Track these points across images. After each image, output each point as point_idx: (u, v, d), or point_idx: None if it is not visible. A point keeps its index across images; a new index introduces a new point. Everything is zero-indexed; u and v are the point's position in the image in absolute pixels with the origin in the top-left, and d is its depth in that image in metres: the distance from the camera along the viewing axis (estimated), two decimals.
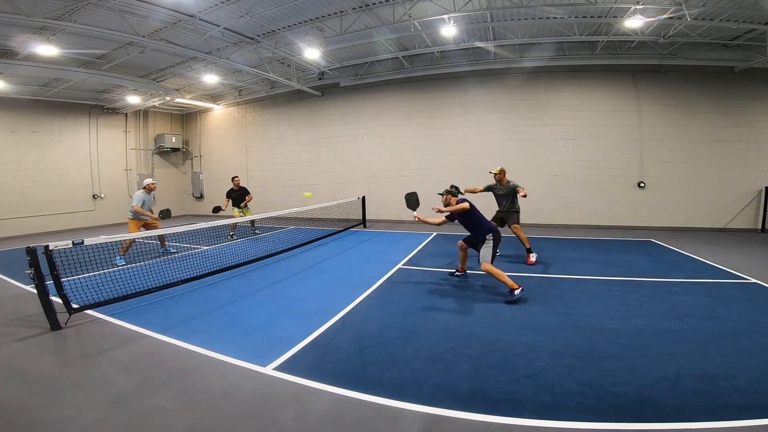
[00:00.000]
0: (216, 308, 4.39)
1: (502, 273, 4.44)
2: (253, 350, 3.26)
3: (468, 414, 2.33)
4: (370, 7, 7.25)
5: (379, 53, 9.73)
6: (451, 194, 4.98)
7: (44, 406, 2.51)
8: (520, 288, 4.31)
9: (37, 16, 6.39)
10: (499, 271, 4.46)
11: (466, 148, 10.75)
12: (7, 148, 10.85)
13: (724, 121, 9.03)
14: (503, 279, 4.39)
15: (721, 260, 6.13)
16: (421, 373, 2.84)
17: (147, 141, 14.52)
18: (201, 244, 8.50)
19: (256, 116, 13.99)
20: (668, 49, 8.69)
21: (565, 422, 2.24)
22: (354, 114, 12.10)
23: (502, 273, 4.43)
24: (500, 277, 4.40)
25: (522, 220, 6.72)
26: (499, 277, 4.41)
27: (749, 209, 9.07)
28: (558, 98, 9.96)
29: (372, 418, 2.33)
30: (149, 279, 5.08)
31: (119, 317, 4.10)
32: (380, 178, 11.80)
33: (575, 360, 2.99)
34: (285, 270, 6.11)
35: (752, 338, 3.32)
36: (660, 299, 4.38)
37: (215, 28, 7.62)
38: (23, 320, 4.09)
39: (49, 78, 9.92)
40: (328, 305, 4.36)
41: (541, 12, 7.16)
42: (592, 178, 9.83)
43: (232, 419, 2.35)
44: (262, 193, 14.02)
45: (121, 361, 3.16)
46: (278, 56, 9.55)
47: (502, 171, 6.49)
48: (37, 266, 3.65)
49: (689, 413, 2.29)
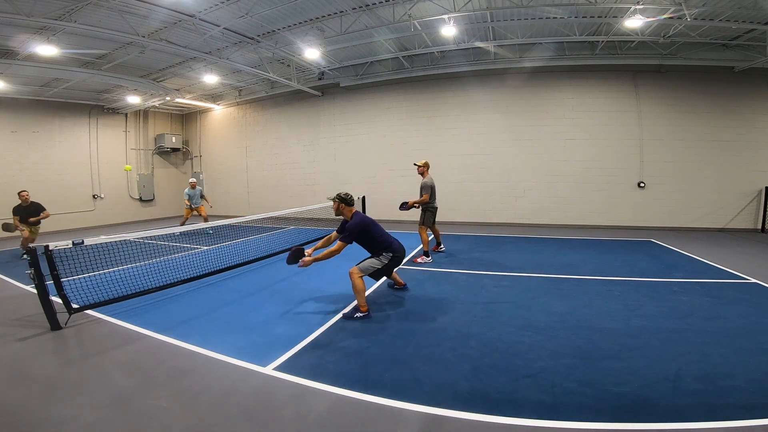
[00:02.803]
0: (216, 308, 4.39)
1: (363, 290, 3.96)
2: (253, 350, 3.26)
3: (468, 414, 2.34)
4: (370, 7, 7.25)
5: (379, 53, 9.72)
6: (345, 202, 4.26)
7: (44, 406, 2.51)
8: (367, 312, 3.93)
9: (37, 16, 6.38)
10: (363, 285, 3.97)
11: (466, 148, 10.75)
12: (8, 148, 10.85)
13: (724, 121, 9.03)
14: (359, 296, 3.93)
15: (721, 260, 6.13)
16: (421, 373, 2.84)
17: (147, 141, 14.51)
18: (201, 244, 8.50)
19: (256, 116, 13.99)
20: (668, 49, 8.69)
21: (565, 422, 2.24)
22: (354, 114, 12.11)
23: (363, 290, 3.96)
24: (358, 292, 3.92)
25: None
26: (357, 291, 3.93)
27: (749, 209, 9.07)
28: (558, 98, 9.96)
29: (372, 418, 2.33)
30: (149, 279, 5.08)
31: (119, 317, 4.10)
32: (380, 178, 11.80)
33: (575, 360, 2.99)
34: (285, 270, 6.08)
35: (752, 338, 3.32)
36: (660, 299, 4.38)
37: (215, 28, 7.62)
38: (23, 320, 4.09)
39: (49, 78, 9.92)
40: (328, 305, 4.37)
41: (541, 12, 7.16)
42: (592, 178, 9.83)
43: (232, 419, 2.35)
44: (262, 193, 14.06)
45: (121, 361, 3.16)
46: (278, 56, 9.54)
47: (426, 164, 6.41)
48: (37, 266, 3.66)
49: (689, 413, 2.29)
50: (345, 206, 4.27)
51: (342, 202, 4.26)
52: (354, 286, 3.97)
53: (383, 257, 4.17)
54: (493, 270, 5.82)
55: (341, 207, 4.28)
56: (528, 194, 10.29)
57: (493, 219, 10.54)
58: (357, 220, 4.18)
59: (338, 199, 4.27)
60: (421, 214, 6.45)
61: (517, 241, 8.19)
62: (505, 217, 10.41)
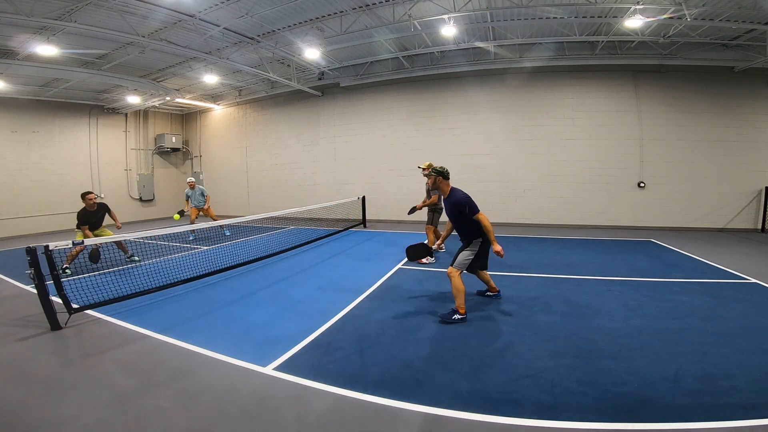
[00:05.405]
0: (216, 308, 4.39)
1: (464, 290, 3.82)
2: (253, 350, 3.26)
3: (468, 414, 2.34)
4: (370, 7, 7.25)
5: (379, 53, 9.72)
6: (443, 175, 3.99)
7: (44, 406, 2.51)
8: (465, 315, 3.81)
9: (37, 16, 6.38)
10: (463, 286, 3.81)
11: (466, 148, 10.76)
12: (7, 148, 10.85)
13: (724, 121, 9.03)
14: (459, 296, 3.79)
15: (721, 260, 6.13)
16: (421, 373, 2.84)
17: (147, 141, 14.52)
18: (201, 244, 8.50)
19: (256, 116, 13.99)
20: (668, 49, 8.69)
21: (565, 422, 2.24)
22: (354, 114, 12.11)
23: (464, 290, 3.82)
24: (458, 292, 3.79)
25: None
26: (457, 292, 3.80)
27: (749, 209, 9.07)
28: (558, 98, 9.96)
29: (372, 418, 2.33)
30: (149, 279, 5.08)
31: (119, 317, 4.10)
32: (380, 178, 11.80)
33: (575, 360, 2.99)
34: (285, 270, 6.10)
35: (752, 338, 3.32)
36: (660, 299, 4.38)
37: (215, 28, 7.62)
38: (23, 320, 4.09)
39: (49, 78, 9.92)
40: (328, 305, 4.36)
41: (541, 12, 7.16)
42: (592, 178, 9.83)
43: (232, 419, 2.35)
44: (262, 193, 14.06)
45: (121, 361, 3.16)
46: (278, 56, 9.54)
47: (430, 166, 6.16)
48: (37, 266, 3.66)
49: (689, 413, 2.29)
50: (442, 179, 3.98)
51: (440, 175, 3.97)
52: (455, 286, 3.79)
53: (474, 244, 3.90)
54: (492, 270, 5.79)
55: (438, 180, 3.98)
56: (528, 194, 10.29)
57: (493, 219, 10.35)
58: (462, 193, 3.89)
59: (435, 172, 3.98)
60: (429, 214, 6.59)
61: (517, 241, 8.18)
62: (505, 217, 10.41)
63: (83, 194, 6.16)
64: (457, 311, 3.82)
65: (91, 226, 6.16)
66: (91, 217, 6.18)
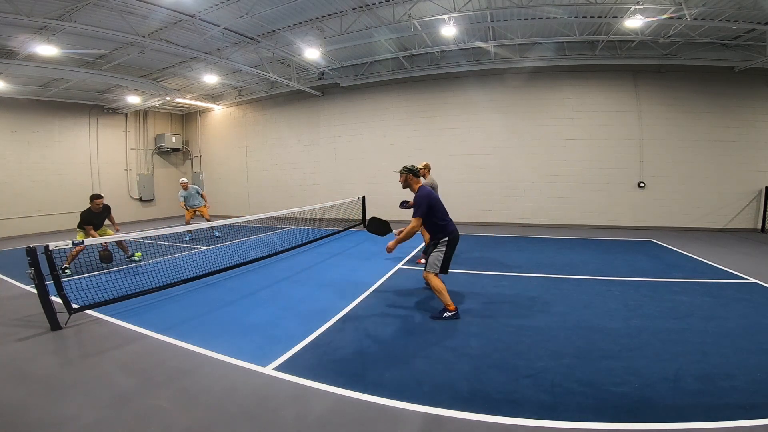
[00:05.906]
0: (216, 308, 4.39)
1: (444, 288, 3.87)
2: (253, 350, 3.26)
3: (468, 414, 2.34)
4: (370, 7, 7.25)
5: (379, 53, 9.73)
6: (413, 173, 4.01)
7: (44, 406, 2.51)
8: (456, 311, 3.88)
9: (37, 16, 6.38)
10: (441, 285, 3.86)
11: (466, 148, 10.76)
12: (7, 148, 10.86)
13: (724, 121, 9.03)
14: (441, 296, 3.86)
15: (721, 260, 6.13)
16: (421, 373, 2.84)
17: (147, 141, 14.52)
18: (201, 244, 8.50)
19: (256, 116, 13.99)
20: (668, 49, 8.69)
21: (565, 422, 2.24)
22: (354, 114, 12.11)
23: (443, 288, 3.86)
24: (439, 292, 3.86)
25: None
26: (438, 292, 3.86)
27: (749, 209, 9.07)
28: (558, 98, 9.96)
29: (372, 418, 2.33)
30: (149, 279, 5.08)
31: (119, 317, 4.10)
32: (380, 178, 11.79)
33: (575, 360, 2.99)
34: (285, 270, 6.10)
35: (752, 338, 3.32)
36: (660, 299, 4.38)
37: (215, 28, 7.62)
38: (23, 320, 4.09)
39: (49, 78, 9.92)
40: (328, 305, 4.37)
41: (541, 12, 7.17)
42: (592, 178, 9.83)
43: (232, 419, 2.35)
44: (262, 193, 14.06)
45: (121, 361, 3.16)
46: (278, 56, 9.54)
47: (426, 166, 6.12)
48: (37, 266, 3.66)
49: (689, 413, 2.29)
50: (413, 177, 4.00)
51: (410, 173, 4.01)
52: (433, 287, 3.86)
53: (440, 244, 3.92)
54: (492, 270, 5.82)
55: (409, 178, 4.01)
56: (528, 194, 10.29)
57: (493, 219, 10.55)
58: (423, 192, 3.91)
59: (405, 170, 4.02)
60: None
61: (517, 241, 8.19)
62: (505, 217, 10.41)
63: (92, 196, 6.24)
64: (446, 309, 3.90)
65: (94, 227, 6.27)
66: (95, 218, 6.30)
